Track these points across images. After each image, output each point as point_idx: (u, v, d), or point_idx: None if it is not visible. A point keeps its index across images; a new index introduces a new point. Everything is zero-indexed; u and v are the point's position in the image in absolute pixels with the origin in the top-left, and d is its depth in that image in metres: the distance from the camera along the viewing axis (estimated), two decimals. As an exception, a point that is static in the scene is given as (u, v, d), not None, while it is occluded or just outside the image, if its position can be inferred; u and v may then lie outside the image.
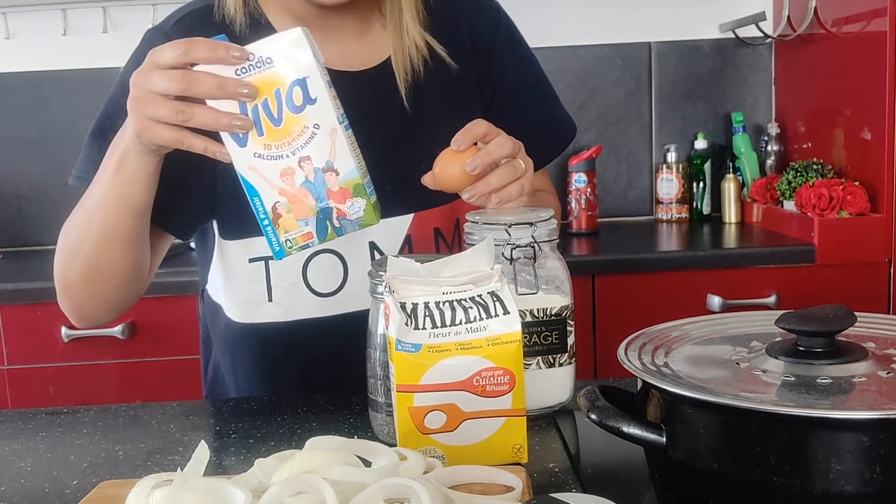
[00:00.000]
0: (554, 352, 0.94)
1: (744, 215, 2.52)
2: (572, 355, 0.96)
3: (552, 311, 0.93)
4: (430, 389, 0.76)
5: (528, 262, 0.91)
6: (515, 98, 1.18)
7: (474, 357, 0.76)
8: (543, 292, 0.93)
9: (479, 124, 0.94)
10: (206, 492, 0.64)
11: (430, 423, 0.76)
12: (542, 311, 0.92)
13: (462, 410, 0.76)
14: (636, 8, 2.64)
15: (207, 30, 0.96)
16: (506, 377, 0.77)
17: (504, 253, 0.90)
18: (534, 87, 1.20)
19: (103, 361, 2.10)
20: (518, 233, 0.90)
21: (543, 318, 0.93)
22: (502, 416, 0.77)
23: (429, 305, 0.77)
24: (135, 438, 0.95)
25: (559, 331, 0.94)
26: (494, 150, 0.93)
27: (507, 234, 0.90)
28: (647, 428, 0.67)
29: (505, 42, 1.17)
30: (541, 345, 0.93)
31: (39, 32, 2.64)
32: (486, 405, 0.77)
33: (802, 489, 0.60)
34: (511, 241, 0.90)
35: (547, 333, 0.93)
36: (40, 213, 2.64)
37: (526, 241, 0.90)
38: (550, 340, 0.93)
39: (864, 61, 2.14)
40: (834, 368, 0.66)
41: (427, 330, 0.76)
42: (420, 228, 1.12)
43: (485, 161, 0.92)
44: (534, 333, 0.92)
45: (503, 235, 0.90)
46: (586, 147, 2.59)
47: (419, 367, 0.75)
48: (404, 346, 0.75)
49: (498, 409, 0.77)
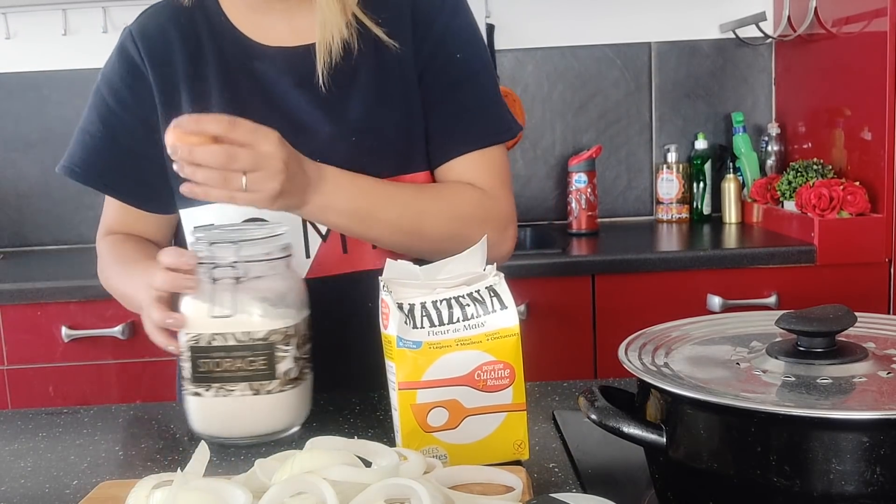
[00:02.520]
0: (260, 378, 0.89)
1: (744, 215, 2.52)
2: (288, 382, 0.91)
3: (256, 336, 0.88)
4: (433, 385, 0.76)
5: (230, 283, 0.88)
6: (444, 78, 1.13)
7: (475, 352, 0.76)
8: (253, 315, 0.89)
9: (218, 122, 0.87)
10: (206, 492, 0.64)
11: (432, 421, 0.77)
12: (246, 334, 0.88)
13: (464, 406, 0.77)
14: (636, 8, 2.64)
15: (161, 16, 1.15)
16: (506, 371, 0.77)
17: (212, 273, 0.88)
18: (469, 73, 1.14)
19: (103, 361, 2.10)
20: (222, 251, 0.88)
21: (248, 342, 0.88)
22: (503, 411, 0.78)
23: (426, 305, 0.77)
24: (135, 438, 0.95)
25: (266, 357, 0.89)
26: (197, 154, 0.86)
27: (210, 252, 0.88)
28: (647, 428, 0.67)
29: (447, 22, 1.14)
30: (246, 370, 0.89)
31: (39, 32, 2.64)
32: (487, 400, 0.77)
33: (802, 489, 0.60)
34: (215, 259, 0.88)
35: (252, 358, 0.89)
36: (40, 213, 2.64)
37: (229, 260, 0.88)
38: (256, 366, 0.89)
39: (864, 61, 2.14)
40: (834, 368, 0.66)
41: (426, 329, 0.76)
42: None
43: (183, 157, 0.87)
44: (238, 358, 0.88)
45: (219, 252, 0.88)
46: (586, 147, 2.59)
47: (421, 363, 0.76)
48: (405, 343, 0.76)
49: (499, 405, 0.77)
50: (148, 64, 1.13)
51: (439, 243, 1.06)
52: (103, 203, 1.20)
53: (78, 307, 2.05)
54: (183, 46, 1.12)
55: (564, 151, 2.64)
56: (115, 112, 1.14)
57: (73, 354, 2.08)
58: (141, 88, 1.13)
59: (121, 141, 1.14)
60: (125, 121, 1.13)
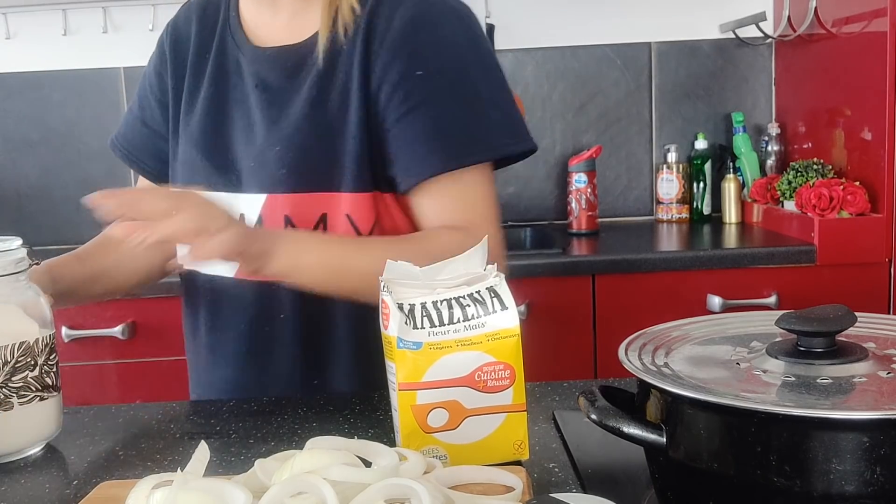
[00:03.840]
0: None
1: (744, 215, 2.52)
2: (15, 405, 0.89)
3: None
4: (433, 386, 0.76)
5: None
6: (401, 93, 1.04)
7: (475, 352, 0.76)
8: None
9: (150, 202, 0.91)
10: (206, 492, 0.64)
11: (432, 422, 0.77)
12: None
13: (464, 407, 0.77)
14: (636, 8, 2.64)
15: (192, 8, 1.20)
16: (506, 371, 0.77)
17: None
18: (434, 88, 1.04)
19: (103, 361, 2.10)
20: None
21: None
22: (503, 411, 0.78)
23: (426, 306, 0.77)
24: (135, 438, 0.95)
25: (9, 371, 0.88)
26: None
27: None
28: (647, 428, 0.67)
29: (403, 35, 1.04)
30: None
31: (39, 32, 2.63)
32: (487, 401, 0.77)
33: (802, 489, 0.60)
34: None
35: None
36: (40, 213, 2.64)
37: None
38: None
39: (864, 61, 2.14)
40: (834, 368, 0.66)
41: (426, 329, 0.76)
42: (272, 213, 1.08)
43: None
44: None
45: None
46: (586, 147, 2.59)
47: (421, 363, 0.76)
48: (406, 343, 0.75)
49: (499, 405, 0.77)
50: (169, 53, 1.19)
51: None
52: None
53: (78, 307, 2.05)
54: (196, 39, 1.16)
55: (564, 151, 2.64)
56: (145, 95, 1.22)
57: (73, 354, 2.08)
58: (164, 74, 1.19)
59: (147, 122, 1.22)
60: (151, 103, 1.21)
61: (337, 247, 1.02)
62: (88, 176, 2.60)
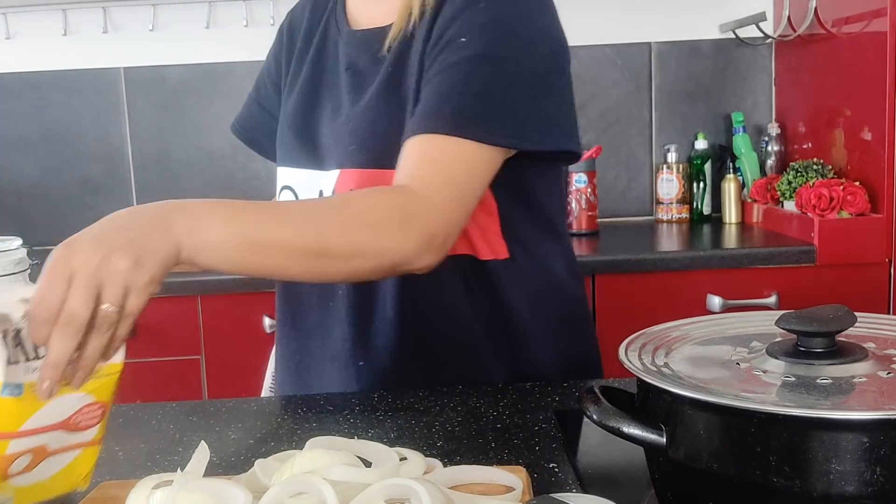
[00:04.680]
0: None
1: (744, 215, 2.52)
2: None
3: None
4: (28, 434, 0.67)
5: None
6: (439, 58, 1.02)
7: (79, 394, 0.69)
8: None
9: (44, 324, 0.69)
10: (206, 492, 0.64)
11: (14, 468, 0.68)
12: None
13: (48, 450, 0.70)
14: (636, 8, 2.64)
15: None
16: (100, 410, 0.72)
17: None
18: (464, 57, 1.01)
19: (103, 361, 2.10)
20: None
21: None
22: (81, 447, 0.73)
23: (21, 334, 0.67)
24: (135, 438, 0.95)
25: None
26: None
27: None
28: (647, 428, 0.67)
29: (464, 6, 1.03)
30: None
31: (39, 32, 2.63)
32: (72, 440, 0.71)
33: (802, 490, 0.60)
34: None
35: None
36: (40, 213, 2.63)
37: None
38: None
39: (864, 61, 2.14)
40: (834, 369, 0.66)
41: (21, 364, 0.66)
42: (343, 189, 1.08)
43: None
44: None
45: None
46: (586, 147, 2.59)
47: (22, 412, 0.66)
48: (10, 389, 0.65)
49: (80, 443, 0.72)
50: (285, 38, 1.25)
51: (348, 261, 0.89)
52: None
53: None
54: (307, 24, 1.22)
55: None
56: (262, 78, 1.30)
57: (73, 354, 2.08)
58: (280, 58, 1.25)
59: (262, 102, 1.29)
60: (267, 85, 1.28)
61: (251, 215, 0.85)
62: (88, 176, 2.60)
